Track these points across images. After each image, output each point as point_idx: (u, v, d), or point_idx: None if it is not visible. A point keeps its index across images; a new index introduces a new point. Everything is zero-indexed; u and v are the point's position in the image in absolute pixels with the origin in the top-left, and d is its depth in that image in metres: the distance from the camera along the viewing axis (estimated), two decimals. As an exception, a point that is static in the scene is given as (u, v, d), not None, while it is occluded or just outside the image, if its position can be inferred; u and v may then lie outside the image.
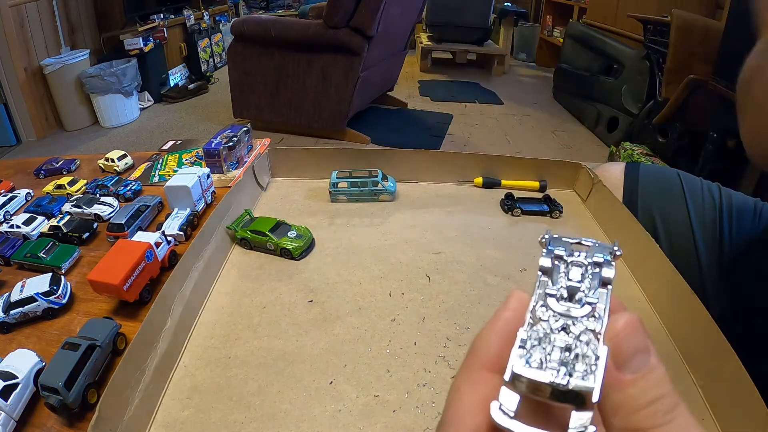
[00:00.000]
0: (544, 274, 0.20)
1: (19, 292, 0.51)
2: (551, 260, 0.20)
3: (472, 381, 0.19)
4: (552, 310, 0.19)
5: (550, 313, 0.18)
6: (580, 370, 0.17)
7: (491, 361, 0.19)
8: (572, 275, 0.20)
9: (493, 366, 0.19)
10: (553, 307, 0.19)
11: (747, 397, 0.34)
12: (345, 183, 0.68)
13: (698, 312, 0.42)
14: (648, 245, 0.52)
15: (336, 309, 0.49)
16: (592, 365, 0.17)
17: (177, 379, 0.42)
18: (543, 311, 0.19)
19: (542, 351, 0.17)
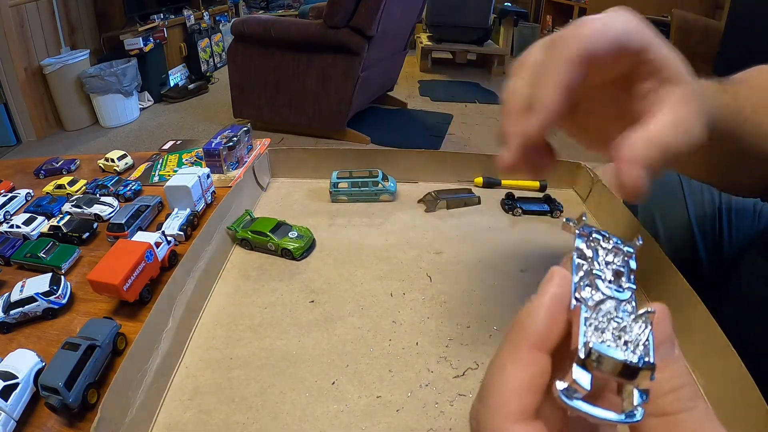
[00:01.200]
0: (580, 256, 0.20)
1: (19, 292, 0.51)
2: (586, 243, 0.21)
3: (519, 360, 0.18)
4: (601, 291, 0.19)
5: (599, 294, 0.19)
6: (640, 349, 0.17)
7: (540, 339, 0.18)
8: (611, 259, 0.20)
9: (542, 345, 0.18)
10: (602, 288, 0.19)
11: (748, 397, 0.34)
12: (345, 183, 0.68)
13: (698, 311, 0.42)
14: (647, 243, 0.52)
15: (337, 309, 0.49)
16: (646, 344, 0.17)
17: (178, 380, 0.42)
18: (589, 291, 0.19)
19: (607, 331, 0.18)
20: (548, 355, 0.18)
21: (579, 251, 0.20)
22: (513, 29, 4.45)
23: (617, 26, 0.27)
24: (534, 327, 0.18)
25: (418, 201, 0.69)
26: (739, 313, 0.52)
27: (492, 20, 4.13)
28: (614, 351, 0.17)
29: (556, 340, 0.19)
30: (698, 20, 2.32)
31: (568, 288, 0.19)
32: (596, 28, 0.26)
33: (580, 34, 0.26)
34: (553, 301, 0.19)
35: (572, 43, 0.26)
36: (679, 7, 2.38)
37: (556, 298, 0.19)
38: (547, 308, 0.19)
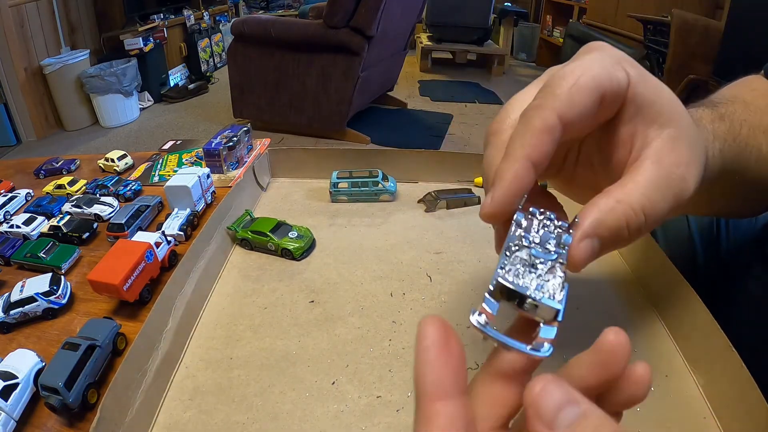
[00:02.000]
0: (517, 226, 0.23)
1: (19, 292, 0.51)
2: (525, 217, 0.23)
3: (424, 419, 0.17)
4: (527, 247, 0.22)
5: (525, 250, 0.22)
6: (549, 291, 0.20)
7: (433, 391, 0.17)
8: (542, 227, 0.23)
9: (438, 394, 0.17)
10: (528, 245, 0.22)
11: (748, 396, 0.34)
12: (345, 183, 0.68)
13: (698, 311, 0.42)
14: (647, 244, 0.52)
15: (337, 309, 0.49)
16: (558, 290, 0.20)
17: (178, 380, 0.42)
18: (516, 247, 0.22)
19: (520, 273, 0.21)
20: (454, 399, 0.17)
21: (516, 222, 0.23)
22: (513, 29, 4.46)
23: (594, 71, 0.24)
24: (421, 384, 0.17)
25: (418, 201, 0.69)
26: (736, 315, 0.52)
27: (492, 20, 4.14)
28: (520, 286, 0.20)
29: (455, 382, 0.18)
30: (698, 20, 2.32)
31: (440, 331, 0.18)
32: (569, 84, 0.24)
33: (552, 95, 0.24)
34: (426, 353, 0.18)
35: (545, 108, 0.24)
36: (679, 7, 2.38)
37: (429, 348, 0.18)
38: (424, 362, 0.18)
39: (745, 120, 0.35)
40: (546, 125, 0.23)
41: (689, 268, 0.59)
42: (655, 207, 0.24)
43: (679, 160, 0.25)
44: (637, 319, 0.47)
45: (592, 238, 0.23)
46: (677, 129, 0.25)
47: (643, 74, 0.26)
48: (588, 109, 0.24)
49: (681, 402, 0.39)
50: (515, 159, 0.23)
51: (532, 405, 0.17)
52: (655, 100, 0.25)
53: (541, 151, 0.23)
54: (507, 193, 0.23)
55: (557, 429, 0.16)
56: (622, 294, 0.51)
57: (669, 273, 0.47)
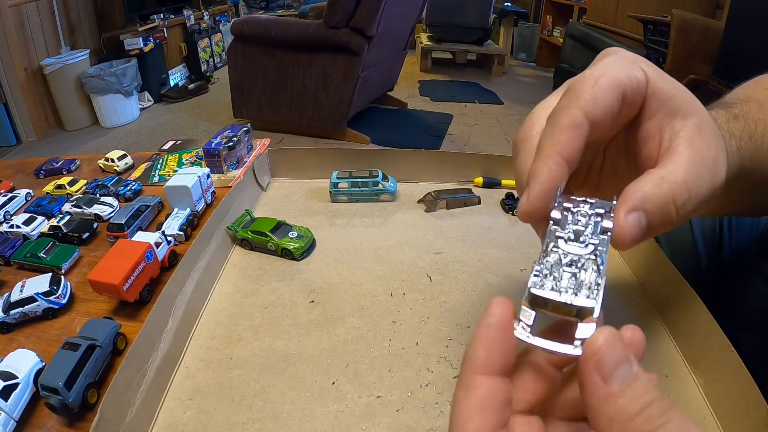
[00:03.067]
0: (554, 224, 0.23)
1: (19, 292, 0.51)
2: (561, 212, 0.23)
3: (465, 387, 0.20)
4: (561, 249, 0.22)
5: (560, 251, 0.22)
6: (584, 293, 0.20)
7: (480, 364, 0.20)
8: (578, 221, 0.23)
9: (484, 369, 0.20)
10: (562, 246, 0.22)
11: (748, 397, 0.34)
12: (345, 183, 0.68)
13: (699, 310, 0.42)
14: (648, 245, 0.52)
15: (337, 309, 0.49)
16: (594, 290, 0.20)
17: (178, 380, 0.42)
18: (552, 249, 0.22)
19: (553, 278, 0.21)
20: (498, 376, 0.20)
21: (554, 219, 0.23)
22: (513, 29, 4.46)
23: (613, 71, 0.25)
24: (473, 356, 0.20)
25: (418, 201, 0.69)
26: (739, 314, 0.52)
27: (492, 20, 4.14)
28: (552, 293, 0.20)
29: (502, 363, 0.20)
30: (698, 20, 2.32)
31: (504, 314, 0.20)
32: (591, 84, 0.25)
33: (576, 96, 0.25)
34: (488, 330, 0.20)
35: (571, 107, 0.24)
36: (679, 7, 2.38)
37: (491, 326, 0.20)
38: (482, 337, 0.20)
39: (760, 119, 0.35)
40: (573, 122, 0.24)
41: (693, 271, 0.59)
42: (697, 184, 0.24)
43: (708, 144, 0.25)
44: (638, 319, 0.47)
45: (639, 211, 0.23)
46: (699, 118, 0.26)
47: (659, 71, 0.27)
48: (611, 106, 0.25)
49: (681, 402, 0.39)
50: (547, 156, 0.24)
51: (594, 355, 0.18)
52: (675, 93, 0.26)
53: (571, 146, 0.24)
54: (542, 188, 0.24)
55: (612, 382, 0.17)
56: (622, 294, 0.51)
57: (669, 273, 0.47)
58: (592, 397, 0.18)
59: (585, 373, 0.18)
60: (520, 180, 0.28)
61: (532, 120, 0.29)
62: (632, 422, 0.17)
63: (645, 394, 0.17)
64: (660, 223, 0.24)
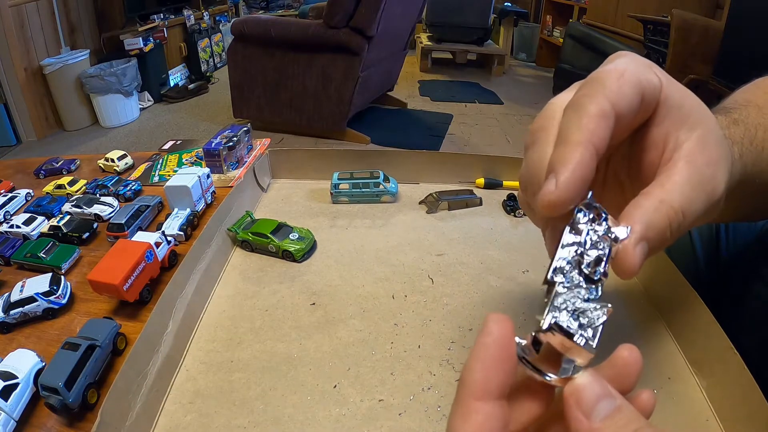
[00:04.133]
0: (572, 230, 0.22)
1: (19, 292, 0.51)
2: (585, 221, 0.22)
3: (463, 413, 0.19)
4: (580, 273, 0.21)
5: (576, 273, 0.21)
6: (590, 332, 0.20)
7: (479, 388, 0.19)
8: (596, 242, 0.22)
9: (482, 393, 0.19)
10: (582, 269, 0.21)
11: (751, 399, 0.34)
12: (346, 184, 0.68)
13: (700, 312, 0.42)
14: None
15: (339, 312, 0.49)
16: (597, 331, 0.20)
17: (179, 383, 0.41)
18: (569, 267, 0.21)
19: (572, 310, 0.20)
20: (495, 400, 0.19)
21: (575, 224, 0.22)
22: (513, 29, 4.46)
23: (633, 69, 0.24)
24: (471, 379, 0.19)
25: (420, 202, 0.69)
26: (738, 316, 0.52)
27: (492, 20, 4.14)
28: (571, 331, 0.20)
29: (500, 385, 0.19)
30: (698, 20, 2.32)
31: (502, 333, 0.19)
32: (616, 76, 0.24)
33: (602, 86, 0.23)
34: (485, 351, 0.19)
35: (598, 96, 0.23)
36: (679, 7, 2.38)
37: (489, 346, 0.19)
38: (480, 359, 0.19)
39: (760, 124, 0.35)
40: (602, 110, 0.22)
41: (691, 273, 0.59)
42: (692, 206, 0.24)
43: (709, 160, 0.25)
44: (640, 322, 0.47)
45: (643, 242, 0.23)
46: (705, 130, 0.25)
47: (670, 78, 0.26)
48: (634, 103, 0.24)
49: (684, 404, 0.39)
50: (577, 143, 0.22)
51: (574, 394, 0.18)
52: (684, 102, 0.26)
53: (600, 136, 0.22)
54: (574, 176, 0.22)
55: (594, 418, 0.18)
56: (625, 296, 0.51)
57: (672, 276, 0.47)
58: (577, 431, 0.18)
59: (567, 408, 0.19)
60: (536, 171, 0.26)
61: (552, 110, 0.27)
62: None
63: (628, 424, 0.17)
64: (657, 247, 0.24)
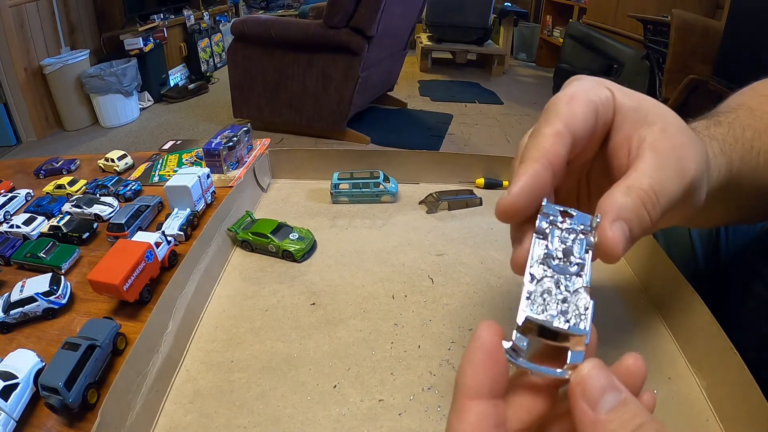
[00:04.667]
0: (539, 235, 0.23)
1: (19, 292, 0.51)
2: (548, 225, 0.23)
3: (457, 412, 0.20)
4: (551, 267, 0.22)
5: (549, 270, 0.22)
6: (574, 318, 0.20)
7: (470, 389, 0.20)
8: (565, 238, 0.23)
9: (474, 393, 0.20)
10: (552, 265, 0.22)
11: (750, 398, 0.34)
12: (346, 184, 0.68)
13: (700, 312, 0.42)
14: (650, 246, 0.52)
15: (339, 312, 0.49)
16: (583, 314, 0.21)
17: (179, 383, 0.41)
18: (540, 268, 0.22)
19: (544, 302, 0.21)
20: (488, 400, 0.20)
21: (539, 229, 0.23)
22: (513, 29, 4.46)
23: (583, 89, 0.27)
24: (463, 381, 0.20)
25: (420, 202, 0.69)
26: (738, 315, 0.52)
27: (492, 20, 4.14)
28: (544, 319, 0.20)
29: (491, 386, 0.20)
30: (698, 20, 2.32)
31: (493, 337, 0.20)
32: (566, 100, 0.26)
33: (555, 111, 0.26)
34: (476, 354, 0.20)
35: (551, 120, 0.26)
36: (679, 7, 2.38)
37: (479, 350, 0.20)
38: (471, 361, 0.20)
39: (749, 125, 0.35)
40: (556, 131, 0.25)
41: (690, 273, 0.59)
42: (663, 186, 0.25)
43: (673, 144, 0.26)
44: (640, 322, 0.47)
45: (620, 221, 0.23)
46: (664, 122, 0.27)
47: (622, 88, 0.28)
48: (588, 120, 0.26)
49: (683, 404, 0.39)
50: (532, 159, 0.24)
51: (580, 384, 0.19)
52: (639, 105, 0.28)
53: (555, 152, 0.24)
54: (524, 185, 0.24)
55: (600, 410, 0.18)
56: (624, 296, 0.51)
57: (671, 275, 0.47)
58: (581, 423, 0.18)
59: (573, 400, 0.19)
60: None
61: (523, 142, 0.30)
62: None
63: (634, 418, 0.18)
64: (639, 230, 0.24)
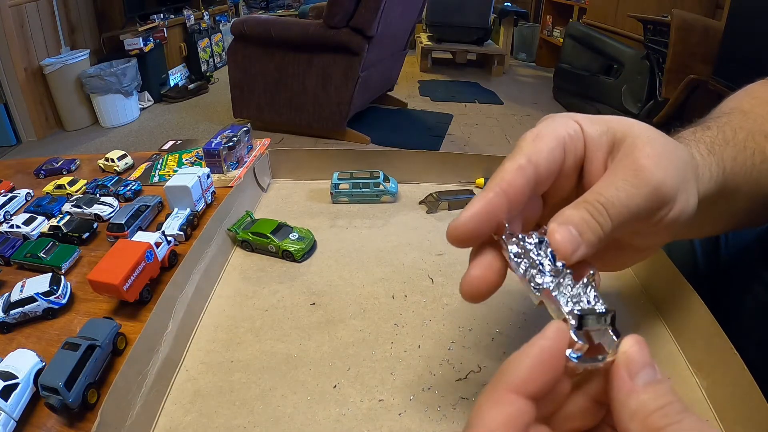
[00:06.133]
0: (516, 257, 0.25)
1: (19, 292, 0.51)
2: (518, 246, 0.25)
3: (494, 401, 0.20)
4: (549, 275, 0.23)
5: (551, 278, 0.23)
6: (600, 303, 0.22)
7: (517, 384, 0.20)
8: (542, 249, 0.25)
9: (519, 389, 0.20)
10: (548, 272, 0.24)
11: (751, 399, 0.34)
12: (346, 184, 0.68)
13: (700, 313, 0.42)
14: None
15: (339, 312, 0.49)
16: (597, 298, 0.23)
17: (179, 383, 0.41)
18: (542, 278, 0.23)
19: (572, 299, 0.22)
20: (528, 399, 0.20)
21: (514, 253, 0.25)
22: (513, 29, 4.46)
23: (551, 127, 0.28)
24: (514, 373, 0.20)
25: (420, 202, 0.69)
26: (737, 316, 0.52)
27: (492, 20, 4.14)
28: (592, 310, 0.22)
29: (540, 388, 0.20)
30: (698, 20, 2.32)
31: (560, 340, 0.20)
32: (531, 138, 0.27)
33: (520, 147, 0.27)
34: (540, 352, 0.20)
35: (515, 155, 0.27)
36: (679, 7, 2.38)
37: (544, 349, 0.20)
38: (531, 357, 0.20)
39: (742, 126, 0.35)
40: (517, 164, 0.26)
41: (690, 273, 0.59)
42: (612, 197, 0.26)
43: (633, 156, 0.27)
44: (640, 322, 0.47)
45: (566, 225, 0.25)
46: (632, 137, 0.28)
47: (591, 117, 0.29)
48: (554, 154, 0.27)
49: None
50: (488, 189, 0.26)
51: (625, 354, 0.20)
52: (607, 128, 0.29)
53: (511, 182, 0.26)
54: (474, 212, 0.26)
55: (637, 381, 0.20)
56: (625, 296, 0.51)
57: (672, 276, 0.47)
58: (620, 391, 0.20)
59: (615, 369, 0.20)
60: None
61: None
62: (651, 416, 0.19)
63: (665, 395, 0.19)
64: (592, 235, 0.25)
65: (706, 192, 0.31)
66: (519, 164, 0.26)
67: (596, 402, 0.22)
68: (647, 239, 0.30)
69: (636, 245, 0.31)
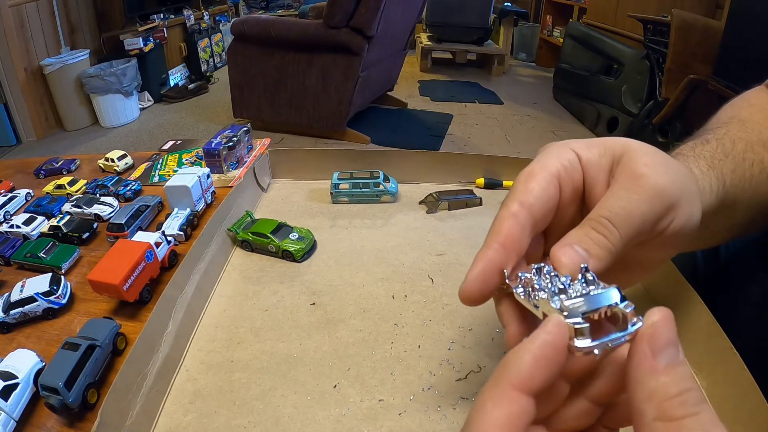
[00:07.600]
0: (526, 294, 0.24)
1: (19, 292, 0.51)
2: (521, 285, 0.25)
3: (497, 398, 0.19)
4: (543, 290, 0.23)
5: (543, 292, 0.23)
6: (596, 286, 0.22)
7: (521, 380, 0.19)
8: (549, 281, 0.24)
9: (522, 385, 0.19)
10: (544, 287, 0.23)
11: (750, 399, 0.34)
12: (346, 184, 0.68)
13: (701, 313, 0.42)
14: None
15: (339, 312, 0.49)
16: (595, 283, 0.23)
17: (179, 383, 0.41)
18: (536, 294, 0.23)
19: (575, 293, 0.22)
20: (530, 397, 0.19)
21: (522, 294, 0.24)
22: (513, 29, 4.45)
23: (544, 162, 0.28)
24: (516, 369, 0.19)
25: (420, 202, 0.69)
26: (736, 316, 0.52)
27: (492, 20, 4.14)
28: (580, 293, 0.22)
29: (542, 384, 0.19)
30: (698, 20, 2.32)
31: (560, 334, 0.20)
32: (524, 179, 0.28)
33: (513, 190, 0.28)
34: (541, 347, 0.19)
35: (508, 201, 0.27)
36: (679, 7, 2.38)
37: (545, 344, 0.19)
38: (532, 352, 0.19)
39: (740, 137, 0.36)
40: (510, 212, 0.27)
41: (690, 272, 0.59)
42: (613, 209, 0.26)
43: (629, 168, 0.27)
44: (640, 322, 0.47)
45: (570, 246, 0.25)
46: (627, 157, 0.28)
47: (588, 142, 0.29)
48: (547, 191, 0.27)
49: (684, 405, 0.39)
50: (486, 245, 0.27)
51: (651, 327, 0.19)
52: (605, 150, 0.28)
53: (507, 233, 0.26)
54: (477, 271, 0.26)
55: (659, 359, 0.18)
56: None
57: (672, 276, 0.47)
58: (639, 368, 0.19)
59: (637, 344, 0.19)
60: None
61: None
62: (669, 401, 0.17)
63: (686, 380, 0.18)
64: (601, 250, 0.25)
65: (707, 206, 0.31)
66: (512, 212, 0.27)
67: (594, 402, 0.22)
68: (653, 253, 0.30)
69: (642, 261, 0.31)
